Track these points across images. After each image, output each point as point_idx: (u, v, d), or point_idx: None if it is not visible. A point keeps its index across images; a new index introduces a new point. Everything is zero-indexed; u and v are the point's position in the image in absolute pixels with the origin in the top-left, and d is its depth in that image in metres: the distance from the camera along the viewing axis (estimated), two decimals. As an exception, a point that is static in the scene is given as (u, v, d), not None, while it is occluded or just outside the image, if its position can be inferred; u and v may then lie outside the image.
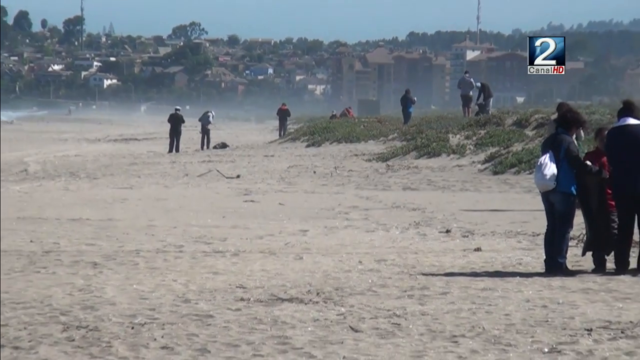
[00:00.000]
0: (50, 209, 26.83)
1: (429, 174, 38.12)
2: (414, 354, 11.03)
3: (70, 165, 47.39)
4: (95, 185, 36.17)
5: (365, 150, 46.78)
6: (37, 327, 12.34)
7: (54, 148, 63.56)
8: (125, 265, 17.22)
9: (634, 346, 11.26)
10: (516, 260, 17.99)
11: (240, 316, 13.03)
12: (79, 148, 64.74)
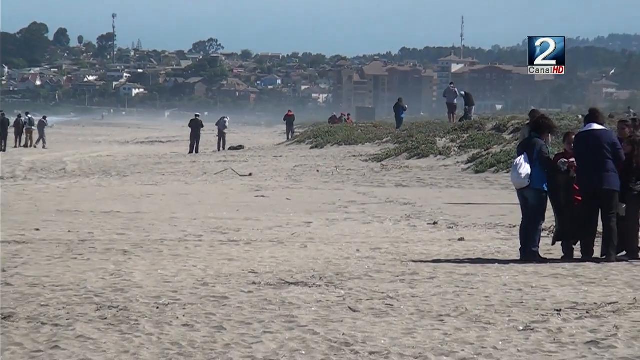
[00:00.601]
0: (85, 203, 26.83)
1: (418, 173, 38.10)
2: (405, 331, 11.05)
3: (103, 164, 47.39)
4: (124, 182, 36.14)
5: (362, 152, 46.74)
6: (74, 307, 12.35)
7: (88, 149, 63.55)
8: (151, 253, 17.22)
9: (597, 324, 11.29)
10: (495, 248, 18.00)
11: (252, 298, 13.06)
12: (110, 149, 64.72)
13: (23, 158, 51.86)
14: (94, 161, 50.04)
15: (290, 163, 44.76)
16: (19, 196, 29.13)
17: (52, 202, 27.22)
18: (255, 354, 10.06)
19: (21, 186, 33.52)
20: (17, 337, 10.77)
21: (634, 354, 9.95)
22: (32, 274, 14.79)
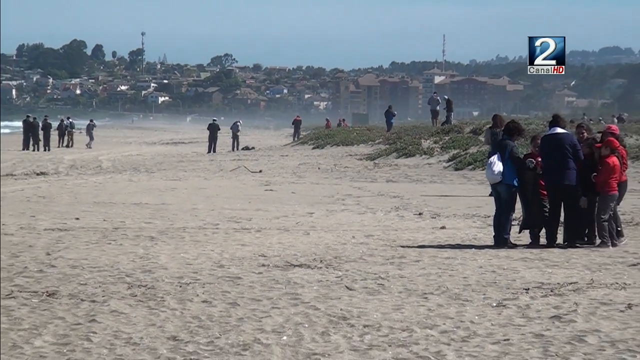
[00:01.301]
0: (118, 196, 26.83)
1: (406, 170, 38.10)
2: (394, 307, 11.05)
3: (133, 162, 47.39)
4: (151, 177, 36.14)
5: (357, 152, 46.72)
6: (108, 286, 12.36)
7: (121, 149, 63.55)
8: (175, 239, 17.22)
9: (560, 301, 11.31)
10: (472, 236, 18.00)
11: (262, 278, 13.06)
12: (139, 149, 64.69)
13: (65, 157, 51.89)
14: (125, 159, 50.04)
15: (295, 161, 44.76)
16: (61, 190, 29.13)
17: (89, 194, 27.23)
18: (265, 326, 10.07)
19: (63, 181, 33.51)
20: (59, 311, 10.78)
21: (592, 327, 9.95)
22: (72, 257, 14.80)
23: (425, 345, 9.25)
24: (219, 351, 9.05)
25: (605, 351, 8.99)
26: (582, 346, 9.19)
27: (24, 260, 14.51)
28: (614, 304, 11.14)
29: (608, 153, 16.16)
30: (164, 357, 8.84)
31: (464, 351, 9.03)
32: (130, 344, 9.32)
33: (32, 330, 9.87)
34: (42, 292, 11.84)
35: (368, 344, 9.32)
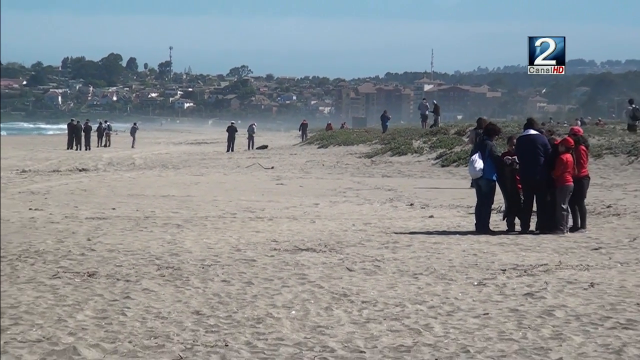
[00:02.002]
0: (149, 189, 26.85)
1: (399, 167, 38.10)
2: (388, 286, 11.05)
3: (162, 160, 47.42)
4: (178, 173, 36.18)
5: (357, 151, 46.70)
6: (140, 267, 12.37)
7: (151, 148, 63.61)
8: (198, 226, 17.23)
9: (532, 281, 11.32)
10: (456, 223, 17.99)
11: (273, 260, 13.06)
12: (167, 149, 64.75)
13: (103, 155, 51.98)
14: (155, 157, 50.07)
15: (303, 159, 44.77)
16: (99, 184, 29.16)
17: (124, 188, 27.26)
18: (276, 302, 10.07)
19: (102, 176, 33.55)
20: (98, 289, 10.79)
21: (559, 303, 9.96)
22: (109, 242, 14.81)
23: (416, 319, 9.25)
24: (236, 324, 9.06)
25: (571, 324, 9.00)
26: (551, 319, 9.19)
27: (67, 245, 14.53)
28: (579, 282, 11.15)
29: (563, 150, 16.31)
30: (188, 329, 8.84)
31: (449, 324, 9.04)
32: (160, 317, 9.33)
33: (74, 305, 9.89)
34: (84, 273, 11.85)
35: (366, 318, 9.32)
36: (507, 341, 8.33)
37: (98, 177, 33.16)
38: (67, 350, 7.96)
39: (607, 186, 26.75)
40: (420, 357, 7.81)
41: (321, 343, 8.28)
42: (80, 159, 47.73)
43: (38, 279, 11.48)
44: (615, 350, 7.95)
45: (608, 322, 9.02)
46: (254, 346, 8.19)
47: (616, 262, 12.83)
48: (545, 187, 16.33)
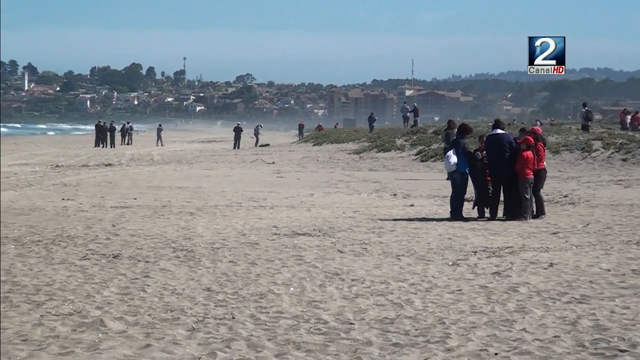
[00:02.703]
0: (165, 181, 26.83)
1: (384, 162, 38.09)
2: (375, 266, 11.06)
3: (177, 156, 47.37)
4: (191, 167, 36.15)
5: (347, 148, 46.66)
6: (158, 250, 12.37)
7: (167, 146, 63.54)
8: (208, 214, 17.22)
9: (499, 261, 11.33)
10: (434, 211, 18.00)
11: (274, 243, 13.06)
12: (182, 146, 64.67)
13: (126, 152, 51.93)
14: (171, 154, 50.03)
15: (300, 155, 44.74)
16: (123, 177, 29.13)
17: (144, 180, 27.23)
18: (276, 280, 10.08)
19: (124, 170, 33.51)
20: (122, 269, 10.79)
21: (523, 280, 9.97)
22: (131, 228, 14.81)
23: (398, 295, 9.26)
24: (242, 299, 9.06)
25: (533, 299, 9.01)
26: (516, 295, 9.21)
27: (95, 230, 14.53)
28: (540, 263, 11.17)
29: (525, 148, 16.41)
30: (200, 304, 8.84)
31: (427, 299, 9.05)
32: (175, 293, 9.33)
33: (101, 283, 9.89)
34: (109, 255, 11.86)
35: (355, 294, 9.33)
36: (478, 314, 8.35)
37: (121, 171, 33.13)
38: (95, 323, 7.96)
39: (563, 178, 26.80)
40: (402, 328, 7.82)
41: (316, 316, 8.29)
42: (106, 155, 47.68)
43: (69, 260, 11.48)
44: (570, 322, 7.96)
45: (565, 297, 9.04)
46: (257, 319, 8.19)
47: (572, 244, 12.86)
48: (511, 180, 16.39)
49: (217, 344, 7.27)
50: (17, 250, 12.23)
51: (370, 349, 7.11)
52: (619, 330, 7.64)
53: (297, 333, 7.62)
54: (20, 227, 14.88)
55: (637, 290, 9.39)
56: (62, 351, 7.03)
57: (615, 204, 19.13)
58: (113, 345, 7.20)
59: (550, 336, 7.46)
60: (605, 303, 8.74)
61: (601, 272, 10.44)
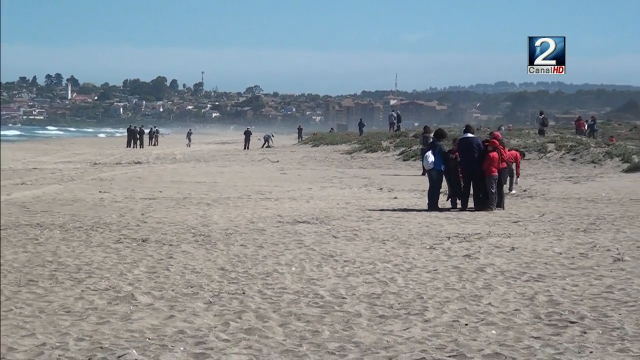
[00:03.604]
0: (186, 177, 26.81)
1: (371, 161, 38.07)
2: (364, 249, 11.04)
3: (196, 155, 47.33)
4: (208, 165, 36.13)
5: (340, 149, 46.59)
6: (180, 235, 12.35)
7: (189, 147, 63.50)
8: (223, 205, 17.20)
9: (469, 246, 11.31)
10: (414, 203, 17.98)
11: (278, 230, 13.04)
12: (200, 147, 64.57)
13: (153, 152, 51.91)
14: (191, 153, 49.99)
15: (300, 155, 44.69)
16: (150, 173, 29.10)
17: (168, 176, 27.21)
18: (280, 261, 10.07)
19: (151, 167, 33.49)
20: (149, 251, 10.77)
21: (489, 262, 9.97)
22: (158, 216, 14.79)
23: (384, 274, 9.26)
24: (251, 277, 9.05)
25: (497, 277, 9.02)
26: (483, 274, 9.21)
27: (127, 218, 14.51)
28: (503, 247, 11.17)
29: (491, 149, 16.43)
30: (216, 281, 8.83)
31: (408, 277, 9.04)
32: (194, 272, 9.32)
33: (132, 263, 9.87)
34: (139, 239, 11.84)
35: (347, 273, 9.32)
36: (451, 290, 8.34)
37: (149, 168, 33.10)
38: (127, 297, 7.95)
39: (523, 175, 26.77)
40: (387, 302, 7.81)
41: (313, 291, 8.28)
42: (136, 154, 47.66)
43: (105, 243, 11.47)
44: (529, 297, 7.97)
45: (524, 277, 9.05)
46: (264, 294, 8.18)
47: (530, 231, 12.86)
48: (479, 176, 16.39)
49: (230, 315, 7.27)
50: (62, 235, 12.22)
51: (360, 320, 7.11)
52: (569, 304, 7.65)
53: (297, 306, 7.62)
54: (65, 215, 14.87)
55: (584, 270, 9.40)
56: (99, 321, 7.02)
57: (566, 197, 19.16)
58: (142, 316, 7.19)
59: (512, 309, 7.46)
60: (557, 281, 8.75)
61: (554, 255, 10.45)
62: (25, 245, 11.15)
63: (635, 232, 12.57)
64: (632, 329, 6.69)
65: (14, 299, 7.85)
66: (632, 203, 17.46)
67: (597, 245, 11.22)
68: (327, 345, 6.26)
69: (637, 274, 9.07)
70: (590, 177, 25.85)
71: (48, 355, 5.93)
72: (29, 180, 24.04)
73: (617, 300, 7.79)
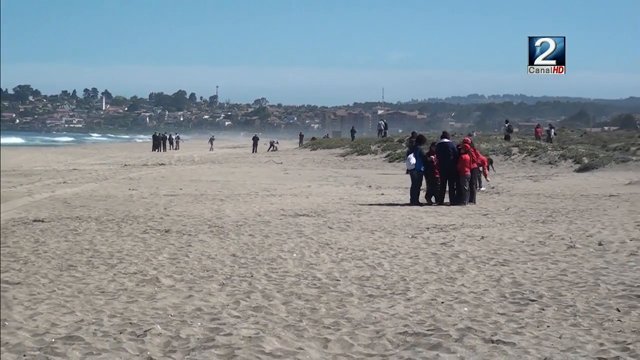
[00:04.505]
0: (203, 176, 26.77)
1: (362, 162, 38.02)
2: (355, 238, 11.02)
3: (211, 158, 47.28)
4: (221, 166, 36.08)
5: (335, 152, 46.50)
6: (197, 226, 12.33)
7: (204, 151, 63.42)
8: (234, 200, 17.18)
9: (445, 235, 11.29)
10: (398, 198, 17.96)
11: (282, 221, 13.02)
12: (215, 151, 64.53)
13: (174, 155, 51.90)
14: (207, 156, 49.94)
15: (300, 157, 44.65)
16: (172, 173, 29.07)
17: (187, 176, 27.17)
18: (283, 248, 10.05)
19: (173, 168, 33.45)
20: (171, 240, 10.75)
21: (462, 249, 9.96)
22: (178, 210, 14.76)
23: (372, 259, 9.25)
24: (258, 262, 9.04)
25: (469, 262, 9.01)
26: (457, 259, 9.20)
27: (152, 212, 14.49)
28: (474, 236, 11.17)
29: (464, 152, 16.42)
30: (228, 265, 8.82)
31: (393, 262, 9.03)
32: (210, 258, 9.31)
33: (156, 251, 9.86)
34: (162, 230, 11.82)
35: (340, 259, 9.31)
36: (430, 273, 8.34)
37: (171, 168, 33.06)
38: (153, 279, 7.94)
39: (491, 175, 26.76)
40: (375, 283, 7.81)
41: (312, 274, 8.27)
42: (160, 157, 47.57)
43: (134, 233, 11.45)
44: (495, 279, 7.97)
45: (492, 262, 9.04)
46: (270, 277, 8.17)
47: (497, 223, 12.86)
48: (454, 175, 16.38)
49: (240, 295, 7.26)
50: (97, 226, 12.21)
51: (352, 298, 7.10)
52: (530, 285, 7.65)
53: (298, 287, 7.61)
54: (99, 209, 14.86)
55: (543, 256, 9.40)
56: (129, 300, 7.01)
57: (528, 193, 19.16)
58: (165, 296, 7.18)
59: (481, 290, 7.46)
60: (520, 265, 8.75)
61: (517, 243, 10.45)
62: (67, 235, 11.14)
63: (585, 223, 12.58)
64: (583, 306, 6.70)
65: (56, 281, 7.85)
66: (582, 198, 17.47)
67: (553, 234, 11.23)
68: (323, 320, 6.26)
69: (587, 259, 9.08)
70: (548, 176, 25.88)
71: (85, 330, 5.92)
72: (70, 180, 24.03)
73: (570, 281, 7.79)
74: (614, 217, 13.35)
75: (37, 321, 6.18)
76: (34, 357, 5.26)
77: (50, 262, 8.95)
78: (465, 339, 5.63)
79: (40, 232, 11.42)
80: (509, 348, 5.41)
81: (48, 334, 5.80)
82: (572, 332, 5.87)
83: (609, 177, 24.79)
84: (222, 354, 5.30)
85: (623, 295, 7.07)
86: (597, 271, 8.30)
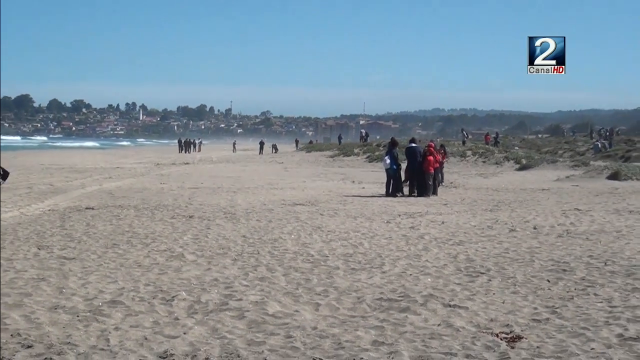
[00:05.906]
0: (219, 173, 26.68)
1: (348, 162, 37.97)
2: (341, 223, 10.98)
3: (226, 158, 47.13)
4: (234, 165, 35.98)
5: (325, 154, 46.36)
6: (214, 213, 12.28)
7: (221, 152, 63.20)
8: (244, 192, 17.13)
9: (413, 220, 11.27)
10: (376, 191, 17.93)
11: (282, 209, 12.98)
12: (229, 153, 64.31)
13: (197, 156, 51.70)
14: (223, 157, 49.76)
15: (297, 158, 44.53)
16: (194, 170, 28.98)
17: (207, 172, 27.09)
18: (284, 231, 10.02)
19: (196, 166, 33.36)
20: (194, 224, 10.72)
21: (427, 232, 9.98)
22: (199, 200, 14.71)
23: (354, 240, 9.24)
24: (263, 242, 9.01)
25: (432, 243, 9.01)
26: (423, 240, 9.21)
27: (179, 201, 14.43)
28: (436, 222, 11.17)
29: (429, 154, 16.42)
30: (239, 244, 8.80)
31: (372, 242, 9.03)
32: (225, 238, 9.29)
33: (182, 232, 9.83)
34: (187, 216, 11.78)
35: (329, 239, 9.30)
36: (401, 251, 8.35)
37: (194, 167, 32.95)
38: (179, 255, 7.93)
39: (450, 172, 26.82)
40: (357, 259, 7.82)
41: (307, 252, 8.27)
42: (185, 158, 47.40)
43: (164, 218, 11.41)
44: (453, 256, 7.99)
45: (450, 242, 9.06)
46: (273, 254, 8.17)
47: (455, 211, 12.87)
48: (420, 173, 16.37)
49: (248, 268, 7.26)
50: (135, 213, 12.16)
51: (338, 271, 7.11)
52: (480, 261, 7.68)
53: (295, 262, 7.61)
54: (137, 199, 14.80)
55: (490, 237, 9.43)
56: (160, 272, 7.01)
57: (479, 187, 19.20)
58: (189, 269, 7.18)
59: (442, 264, 7.49)
60: (473, 245, 8.78)
61: (471, 227, 10.47)
62: (111, 220, 11.11)
63: (524, 211, 12.63)
64: (521, 278, 6.74)
65: (103, 257, 7.83)
66: (521, 192, 17.53)
67: (498, 220, 11.26)
68: (315, 289, 6.27)
69: (525, 240, 9.12)
70: (495, 174, 25.95)
71: (125, 295, 5.93)
72: (114, 175, 23.95)
73: (511, 258, 7.83)
74: (545, 206, 13.42)
75: (88, 289, 6.19)
76: (85, 317, 5.27)
77: (98, 241, 8.93)
78: (429, 303, 5.67)
79: (91, 217, 11.39)
80: (463, 311, 5.44)
81: (96, 299, 5.81)
82: (513, 298, 5.91)
83: (542, 174, 24.91)
84: (234, 315, 5.33)
85: (552, 269, 7.12)
86: (532, 250, 8.34)
